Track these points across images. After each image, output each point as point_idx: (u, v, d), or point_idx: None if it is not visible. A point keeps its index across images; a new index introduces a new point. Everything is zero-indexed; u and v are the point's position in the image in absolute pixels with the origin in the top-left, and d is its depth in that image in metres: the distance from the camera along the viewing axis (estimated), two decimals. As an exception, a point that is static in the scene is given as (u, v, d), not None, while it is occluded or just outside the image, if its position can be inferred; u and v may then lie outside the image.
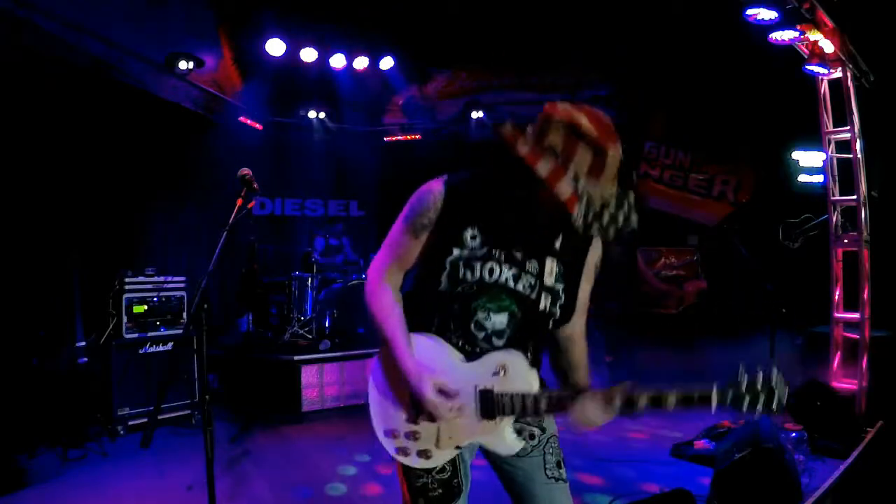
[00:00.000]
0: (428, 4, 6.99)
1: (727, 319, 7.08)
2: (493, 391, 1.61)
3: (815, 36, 4.78)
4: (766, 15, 4.53)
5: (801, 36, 4.78)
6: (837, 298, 5.31)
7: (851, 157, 5.11)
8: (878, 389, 4.92)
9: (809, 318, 5.75)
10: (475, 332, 1.65)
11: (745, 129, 7.45)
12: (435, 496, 1.69)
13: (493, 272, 1.63)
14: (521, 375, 1.62)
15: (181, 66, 6.37)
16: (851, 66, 5.02)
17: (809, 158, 6.94)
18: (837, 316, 5.29)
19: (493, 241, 1.63)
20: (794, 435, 4.15)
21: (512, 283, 1.64)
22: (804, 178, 6.99)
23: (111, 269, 5.16)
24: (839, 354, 5.24)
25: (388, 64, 8.19)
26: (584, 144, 1.42)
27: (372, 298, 1.71)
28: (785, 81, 5.68)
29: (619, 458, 4.37)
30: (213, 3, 7.02)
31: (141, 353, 4.99)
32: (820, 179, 6.32)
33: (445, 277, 1.63)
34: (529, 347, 1.68)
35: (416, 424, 1.67)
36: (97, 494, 3.77)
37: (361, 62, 8.04)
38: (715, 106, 7.42)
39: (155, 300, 5.15)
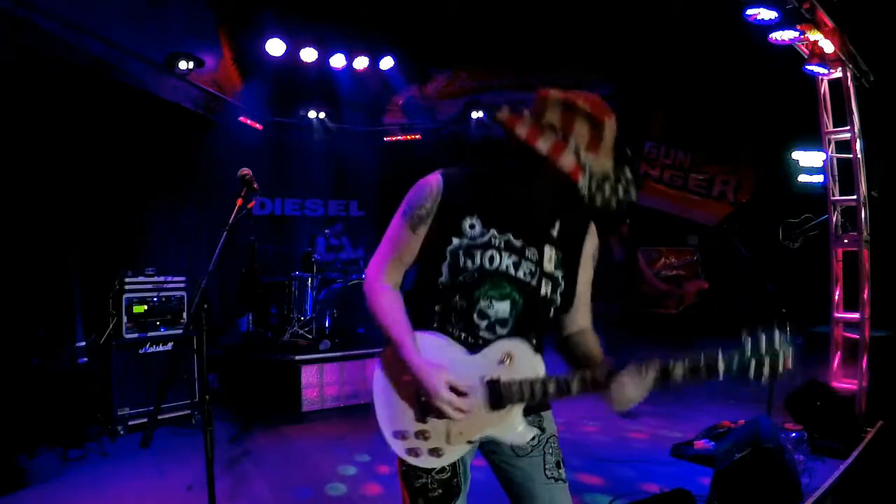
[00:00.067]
0: (428, 4, 7.00)
1: (727, 319, 7.07)
2: (499, 380, 1.61)
3: (815, 36, 4.79)
4: (766, 15, 4.54)
5: (801, 36, 4.78)
6: (837, 298, 5.31)
7: (851, 157, 5.11)
8: (878, 389, 4.92)
9: (809, 318, 5.74)
10: (478, 321, 1.65)
11: (745, 129, 7.46)
12: (435, 496, 1.68)
13: (493, 260, 1.64)
14: (526, 362, 1.63)
15: (181, 66, 6.38)
16: (851, 66, 5.02)
17: (809, 158, 6.95)
18: (837, 316, 5.29)
19: (491, 227, 1.65)
20: (794, 435, 4.14)
21: (513, 270, 1.65)
22: (804, 178, 7.00)
23: (111, 269, 5.17)
24: (839, 354, 5.24)
25: (388, 64, 8.20)
26: (580, 118, 1.46)
27: (373, 297, 1.70)
28: (785, 81, 5.69)
29: (619, 458, 4.37)
30: (213, 3, 7.02)
31: (141, 353, 4.99)
32: (820, 179, 6.32)
33: (446, 267, 1.64)
34: (532, 336, 1.69)
35: (424, 423, 1.66)
36: (97, 494, 3.77)
37: (361, 62, 8.05)
38: (715, 106, 7.43)
39: (155, 300, 5.15)
